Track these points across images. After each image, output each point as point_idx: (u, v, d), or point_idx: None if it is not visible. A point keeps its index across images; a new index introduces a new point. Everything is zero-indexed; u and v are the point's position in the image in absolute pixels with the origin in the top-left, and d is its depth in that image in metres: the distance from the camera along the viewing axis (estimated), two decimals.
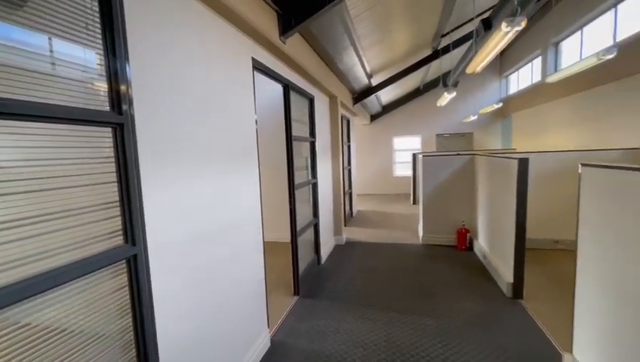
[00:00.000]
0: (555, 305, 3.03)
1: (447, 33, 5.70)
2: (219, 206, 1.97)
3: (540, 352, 2.42)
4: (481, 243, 4.53)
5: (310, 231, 4.21)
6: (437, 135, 11.11)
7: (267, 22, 2.40)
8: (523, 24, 2.05)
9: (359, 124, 11.39)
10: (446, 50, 6.11)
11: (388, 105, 11.22)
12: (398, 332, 2.76)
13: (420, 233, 5.41)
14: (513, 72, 9.68)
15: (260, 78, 3.00)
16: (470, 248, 4.86)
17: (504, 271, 3.48)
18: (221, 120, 2.01)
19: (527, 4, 2.70)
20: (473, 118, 9.05)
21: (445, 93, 5.75)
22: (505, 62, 10.06)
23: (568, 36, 6.79)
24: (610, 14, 5.48)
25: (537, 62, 7.99)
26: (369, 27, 4.46)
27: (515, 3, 2.48)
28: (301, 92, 3.82)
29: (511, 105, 9.40)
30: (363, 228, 6.58)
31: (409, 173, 10.52)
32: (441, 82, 7.64)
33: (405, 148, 11.50)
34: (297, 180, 3.55)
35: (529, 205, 3.22)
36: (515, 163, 3.07)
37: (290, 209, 3.38)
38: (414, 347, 2.55)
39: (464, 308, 3.12)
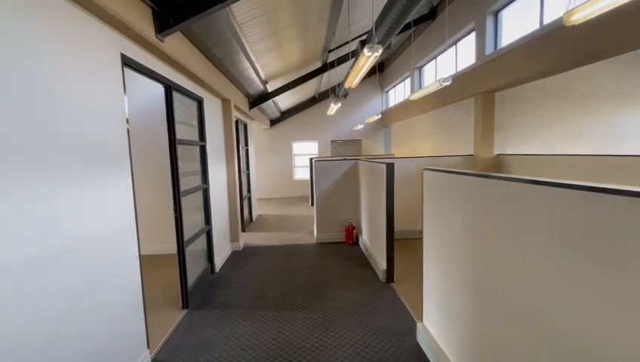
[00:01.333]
0: (416, 286, 3.64)
1: (333, 49, 6.26)
2: (66, 220, 1.73)
3: (402, 324, 2.91)
4: (364, 238, 5.12)
5: (202, 240, 4.03)
6: (332, 141, 11.99)
7: (138, 17, 2.23)
8: (380, 51, 2.47)
9: (259, 129, 11.39)
10: (333, 64, 6.70)
11: (287, 111, 11.57)
12: (287, 329, 2.91)
13: (315, 233, 5.77)
14: (390, 88, 11.25)
15: (142, 79, 2.75)
16: (356, 243, 5.44)
17: (380, 261, 4.03)
18: (68, 120, 1.78)
19: (387, 36, 3.23)
20: (360, 126, 10.14)
21: (332, 104, 6.30)
22: (384, 79, 11.60)
23: (427, 63, 8.30)
24: (453, 49, 6.95)
25: (408, 81, 9.49)
26: (260, 34, 4.56)
27: (375, 33, 2.95)
28: (187, 94, 3.64)
29: (390, 116, 10.88)
30: (262, 232, 6.61)
31: (308, 176, 11.06)
32: (331, 93, 8.32)
33: (304, 152, 12.03)
34: (185, 186, 3.37)
35: (398, 202, 3.81)
36: (384, 167, 3.61)
37: (176, 218, 3.18)
38: (302, 340, 2.73)
39: (347, 297, 3.49)
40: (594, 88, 6.30)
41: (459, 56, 6.77)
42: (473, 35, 5.93)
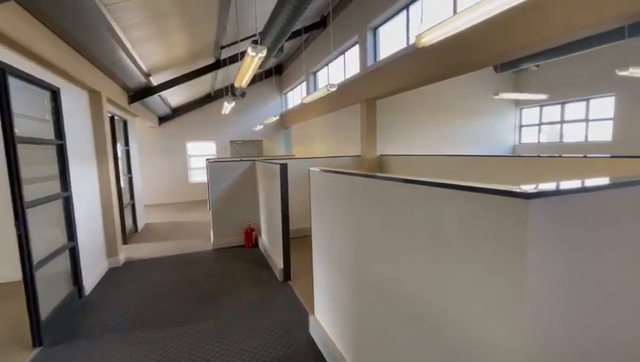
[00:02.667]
0: (311, 281, 3.84)
1: (226, 46, 6.03)
2: None
3: (297, 320, 3.00)
4: (264, 239, 5.10)
5: (63, 259, 3.34)
6: (231, 141, 11.55)
7: None
8: (264, 52, 2.50)
9: (144, 127, 10.11)
10: (226, 62, 6.46)
11: (179, 108, 10.60)
12: (175, 346, 2.66)
13: (212, 238, 5.45)
14: (289, 90, 11.51)
15: None
16: (256, 245, 5.37)
17: (277, 260, 4.07)
18: None
19: (278, 40, 3.29)
20: (260, 127, 10.06)
21: (225, 103, 6.07)
22: (283, 81, 11.80)
23: (321, 69, 8.80)
24: (342, 58, 7.54)
25: (304, 85, 9.87)
26: (137, 19, 4.04)
27: (263, 34, 2.97)
28: (35, 81, 2.96)
29: (289, 118, 11.13)
30: (151, 242, 5.89)
31: (206, 179, 10.38)
32: (229, 91, 8.01)
33: (201, 153, 11.25)
34: (32, 195, 2.73)
35: (294, 201, 3.91)
36: (278, 168, 3.66)
37: (19, 235, 2.55)
38: (192, 354, 2.54)
39: (244, 301, 3.40)
40: (450, 100, 7.74)
41: (347, 65, 7.38)
42: (358, 47, 6.55)
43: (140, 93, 6.07)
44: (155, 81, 6.29)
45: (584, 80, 6.78)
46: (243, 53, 4.62)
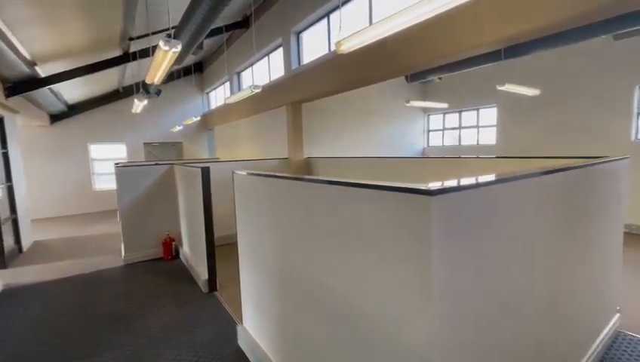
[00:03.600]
0: (238, 289, 3.69)
1: (136, 38, 5.44)
2: None
3: (225, 332, 2.85)
4: (185, 249, 4.72)
5: None
6: (145, 143, 10.44)
7: None
8: (179, 47, 2.31)
9: (30, 126, 8.46)
10: (136, 56, 5.83)
11: (78, 105, 9.15)
12: None
13: (123, 253, 4.83)
14: (212, 90, 10.93)
15: None
16: (177, 256, 4.94)
17: (201, 271, 3.81)
18: None
19: (196, 36, 3.08)
20: (179, 128, 9.32)
21: (136, 100, 5.47)
22: (205, 80, 11.15)
23: (245, 69, 8.58)
24: (267, 59, 7.47)
25: (228, 85, 9.49)
26: None
27: (179, 29, 2.76)
28: None
29: (212, 119, 10.56)
30: (41, 264, 4.94)
31: (115, 185, 9.16)
32: (141, 88, 7.22)
33: (108, 157, 9.89)
34: None
35: (219, 206, 3.70)
36: (199, 171, 3.43)
37: None
38: None
39: (165, 318, 3.09)
40: (369, 106, 8.30)
41: (272, 67, 7.34)
42: (282, 50, 6.57)
43: (22, 85, 5.06)
44: (44, 71, 5.32)
45: (474, 92, 8.00)
46: (156, 48, 4.22)
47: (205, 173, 3.43)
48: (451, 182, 1.14)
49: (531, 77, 6.60)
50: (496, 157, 3.88)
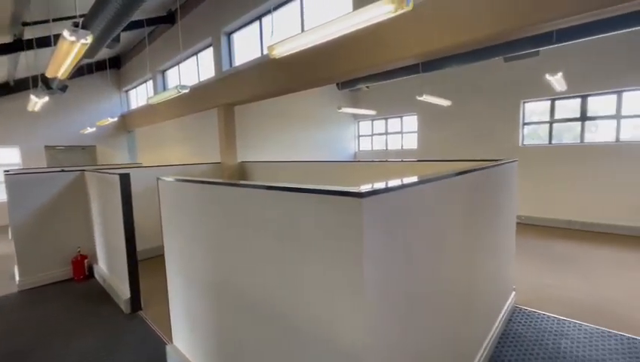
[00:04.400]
0: (167, 306, 3.40)
1: (32, 24, 4.67)
2: None
3: (153, 354, 2.59)
4: (102, 267, 4.18)
5: None
6: (47, 147, 8.96)
7: None
8: (89, 38, 2.05)
9: None
10: (32, 44, 5.00)
11: None
12: None
13: (17, 277, 4.06)
14: (132, 88, 9.92)
15: None
16: (91, 275, 4.34)
17: (122, 289, 3.41)
18: None
19: (111, 28, 2.77)
20: (91, 129, 8.24)
21: (33, 97, 4.68)
22: (123, 77, 10.06)
23: (171, 68, 8.00)
24: (195, 59, 7.08)
25: (151, 84, 8.72)
26: None
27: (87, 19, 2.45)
28: None
29: (133, 120, 9.57)
30: None
31: (5, 197, 7.63)
32: (40, 82, 6.18)
33: None
34: None
35: (142, 216, 3.36)
36: (117, 178, 3.08)
37: None
38: None
39: (79, 347, 2.69)
40: (304, 110, 8.45)
41: (201, 67, 6.98)
42: (212, 49, 6.30)
43: None
44: None
45: (398, 101, 8.74)
46: (59, 37, 3.67)
47: (125, 180, 3.09)
48: (379, 184, 1.23)
49: (445, 89, 7.47)
50: (418, 161, 4.29)
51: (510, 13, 2.60)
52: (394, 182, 1.31)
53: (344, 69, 3.98)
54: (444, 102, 6.72)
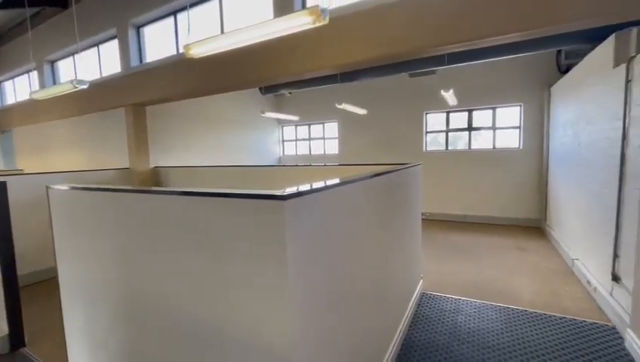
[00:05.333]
0: (61, 337, 2.91)
1: None
2: None
3: None
4: None
5: None
6: None
7: None
8: None
9: None
10: None
11: None
12: None
13: None
14: (7, 79, 8.19)
15: None
16: None
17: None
18: None
19: None
20: None
21: None
22: None
23: (64, 58, 6.87)
24: (95, 50, 6.23)
25: (35, 74, 7.34)
26: None
27: None
28: None
29: (10, 117, 7.89)
30: None
31: None
32: None
33: None
34: None
35: (26, 234, 2.80)
36: None
37: None
38: None
39: None
40: (228, 113, 8.14)
41: (104, 60, 6.17)
42: (117, 42, 5.63)
43: None
44: None
45: (320, 108, 9.12)
46: None
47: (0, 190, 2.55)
48: (302, 187, 1.29)
49: (362, 99, 8.08)
50: (339, 165, 4.55)
51: (414, 37, 2.99)
52: (316, 185, 1.39)
53: (266, 75, 3.99)
54: (361, 111, 7.26)
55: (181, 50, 4.96)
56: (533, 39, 3.87)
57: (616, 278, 2.89)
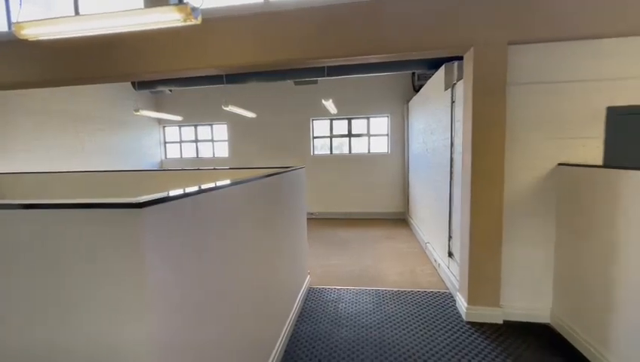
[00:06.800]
0: None
1: None
2: None
3: None
4: None
5: None
6: None
7: None
8: None
9: None
10: None
11: None
12: None
13: None
14: None
15: None
16: None
17: None
18: None
19: None
20: None
21: None
22: None
23: None
24: None
25: None
26: None
27: None
28: None
29: None
30: None
31: None
32: None
33: None
34: None
35: None
36: None
37: None
38: None
39: None
40: (93, 109, 6.86)
41: None
42: None
43: None
44: None
45: (208, 109, 8.64)
46: None
47: None
48: (162, 194, 1.22)
49: (252, 102, 8.02)
50: (230, 168, 4.42)
51: (289, 48, 3.16)
52: (189, 189, 1.34)
53: (137, 69, 3.55)
54: (250, 114, 7.22)
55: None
56: (393, 61, 4.62)
57: (450, 254, 3.72)
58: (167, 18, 1.77)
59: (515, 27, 2.72)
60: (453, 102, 3.60)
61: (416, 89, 6.64)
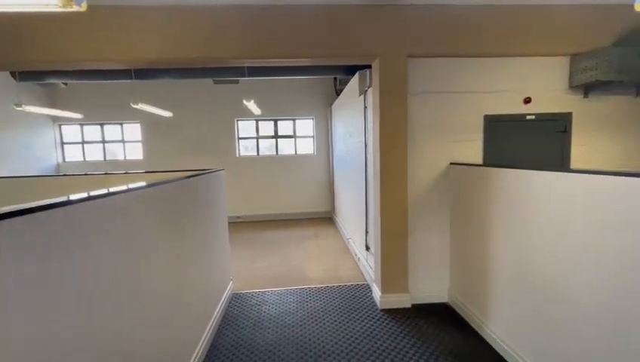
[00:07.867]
0: None
1: None
2: None
3: None
4: None
5: None
6: None
7: None
8: None
9: None
10: None
11: None
12: None
13: None
14: None
15: None
16: None
17: None
18: None
19: None
20: None
21: None
22: None
23: None
24: None
25: None
26: None
27: None
28: None
29: None
30: None
31: None
32: None
33: None
34: None
35: None
36: None
37: None
38: None
39: None
40: None
41: None
42: None
43: None
44: None
45: (116, 107, 7.69)
46: None
47: None
48: (24, 205, 1.07)
49: (168, 101, 7.42)
50: (146, 172, 4.03)
51: (201, 45, 3.03)
52: (75, 196, 1.19)
53: (21, 58, 3.00)
54: (165, 113, 6.69)
55: None
56: (313, 65, 4.77)
57: (367, 248, 4.00)
58: (42, 1, 1.54)
59: (412, 42, 3.06)
60: (365, 107, 3.88)
61: (338, 93, 6.97)
